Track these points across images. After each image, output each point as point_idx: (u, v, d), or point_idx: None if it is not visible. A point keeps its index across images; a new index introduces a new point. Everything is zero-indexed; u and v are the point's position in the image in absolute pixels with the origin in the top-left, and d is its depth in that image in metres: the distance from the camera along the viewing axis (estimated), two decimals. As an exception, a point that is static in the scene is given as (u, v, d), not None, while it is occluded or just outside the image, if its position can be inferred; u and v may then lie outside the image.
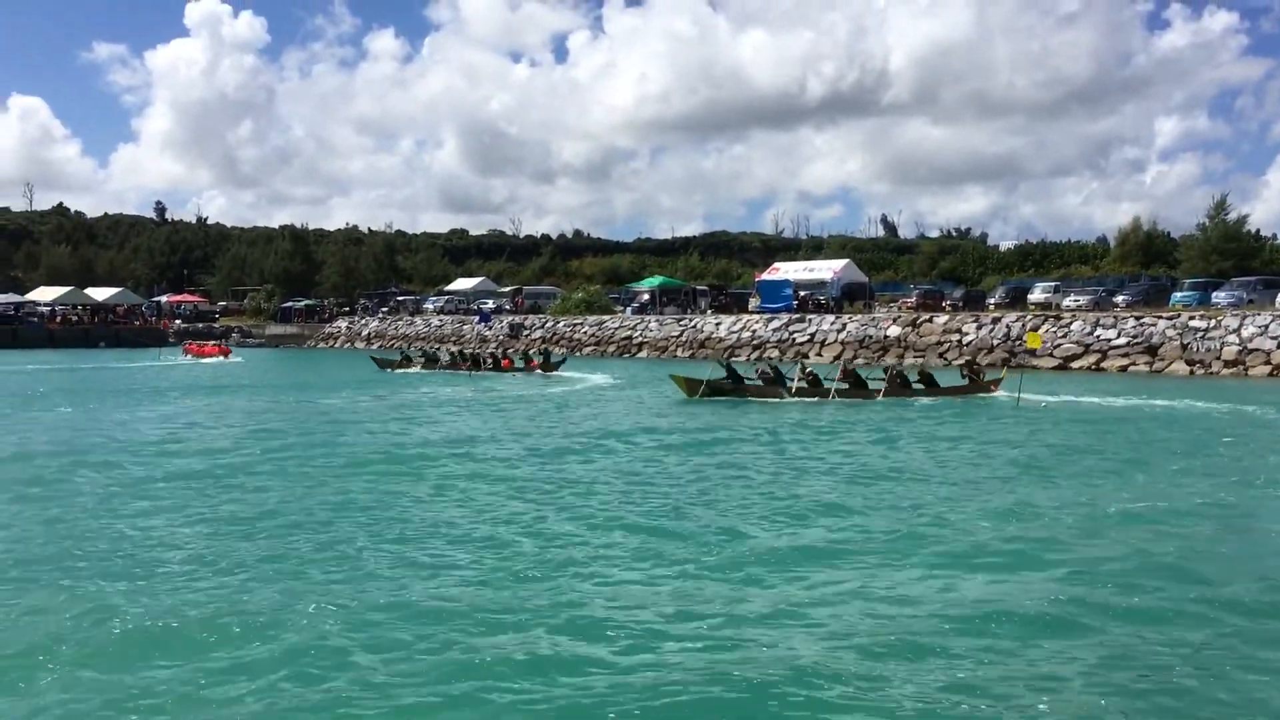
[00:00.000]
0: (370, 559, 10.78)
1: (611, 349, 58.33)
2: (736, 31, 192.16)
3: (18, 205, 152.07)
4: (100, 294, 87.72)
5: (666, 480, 15.58)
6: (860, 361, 46.77)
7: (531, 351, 49.86)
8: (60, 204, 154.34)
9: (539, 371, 42.95)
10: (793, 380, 29.49)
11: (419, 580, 9.97)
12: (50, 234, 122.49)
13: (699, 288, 73.51)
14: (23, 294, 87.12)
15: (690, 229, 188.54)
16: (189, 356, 59.14)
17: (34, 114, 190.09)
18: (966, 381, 29.99)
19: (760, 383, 29.42)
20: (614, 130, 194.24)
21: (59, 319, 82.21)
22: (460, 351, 50.04)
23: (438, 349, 54.39)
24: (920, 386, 29.57)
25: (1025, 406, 26.45)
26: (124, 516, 12.96)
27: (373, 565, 10.53)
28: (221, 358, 58.35)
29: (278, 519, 12.76)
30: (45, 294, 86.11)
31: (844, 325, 51.00)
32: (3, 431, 22.25)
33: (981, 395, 29.10)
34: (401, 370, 45.97)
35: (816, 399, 28.48)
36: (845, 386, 29.27)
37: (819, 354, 49.24)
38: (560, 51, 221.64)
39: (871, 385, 29.35)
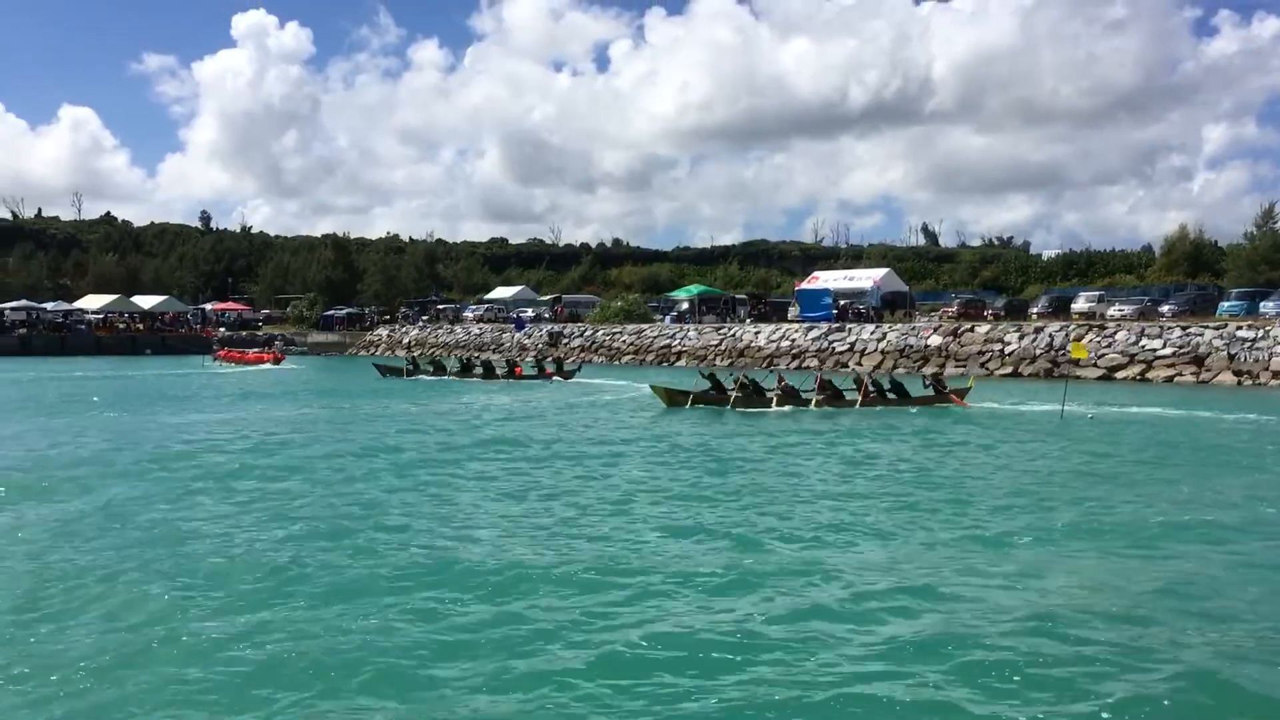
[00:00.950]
0: (447, 563, 10.91)
1: (650, 357, 58.36)
2: (779, 40, 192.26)
3: (67, 214, 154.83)
4: (146, 302, 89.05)
5: (711, 486, 15.62)
6: (901, 371, 46.57)
7: (546, 361, 50.01)
8: (108, 213, 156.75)
9: (557, 379, 43.29)
10: (771, 391, 29.55)
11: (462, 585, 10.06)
12: (98, 243, 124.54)
13: (738, 296, 73.32)
14: (71, 302, 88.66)
15: (730, 238, 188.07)
16: (221, 364, 60.05)
17: (84, 124, 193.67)
18: (932, 392, 30.31)
19: (739, 393, 29.46)
20: (655, 139, 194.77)
21: (106, 326, 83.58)
22: (470, 359, 50.15)
23: (444, 356, 54.26)
24: (893, 396, 29.89)
25: (1070, 418, 26.16)
26: (222, 520, 13.18)
27: (447, 570, 10.65)
28: (272, 364, 59.52)
29: (373, 517, 12.94)
30: (93, 302, 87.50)
31: (884, 334, 50.70)
32: (70, 438, 22.64)
33: (944, 405, 29.31)
34: (410, 378, 45.85)
35: (792, 407, 28.61)
36: (822, 396, 29.37)
37: (859, 363, 49.02)
38: (602, 61, 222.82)
39: (847, 395, 29.69)
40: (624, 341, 61.57)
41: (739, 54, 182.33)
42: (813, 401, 29.01)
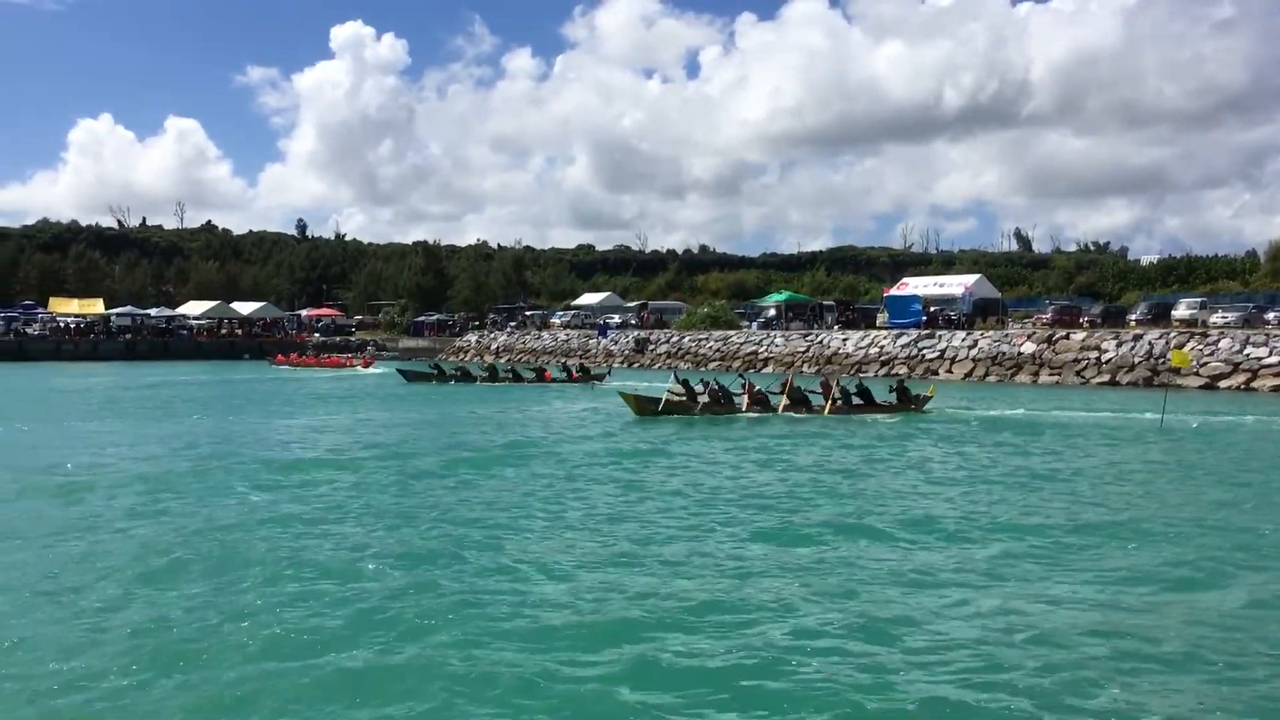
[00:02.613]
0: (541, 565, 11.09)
1: (737, 364, 58.18)
2: (871, 44, 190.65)
3: (170, 223, 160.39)
4: (245, 308, 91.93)
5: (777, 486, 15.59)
6: (993, 379, 45.79)
7: (571, 364, 50.40)
8: (209, 221, 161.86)
9: (595, 384, 43.80)
10: (739, 396, 29.01)
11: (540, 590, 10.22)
12: (199, 250, 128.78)
13: (825, 303, 72.76)
14: (174, 308, 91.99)
15: (818, 244, 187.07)
16: (282, 367, 62.68)
17: (189, 136, 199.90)
18: (895, 399, 29.96)
19: (709, 399, 28.76)
20: (744, 145, 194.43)
21: (207, 332, 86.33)
22: (494, 365, 51.42)
23: (466, 363, 55.22)
24: (859, 402, 29.41)
25: (1171, 428, 25.48)
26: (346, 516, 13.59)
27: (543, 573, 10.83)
28: (363, 368, 61.48)
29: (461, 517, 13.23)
30: (194, 308, 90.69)
31: (975, 342, 49.89)
32: (177, 442, 23.42)
33: (907, 412, 29.01)
34: (440, 384, 46.44)
35: (759, 413, 28.13)
36: (788, 402, 28.80)
37: (949, 370, 48.34)
38: (692, 67, 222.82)
39: (814, 401, 29.14)
40: (710, 348, 61.53)
41: (830, 58, 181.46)
42: (779, 406, 28.46)
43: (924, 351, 50.85)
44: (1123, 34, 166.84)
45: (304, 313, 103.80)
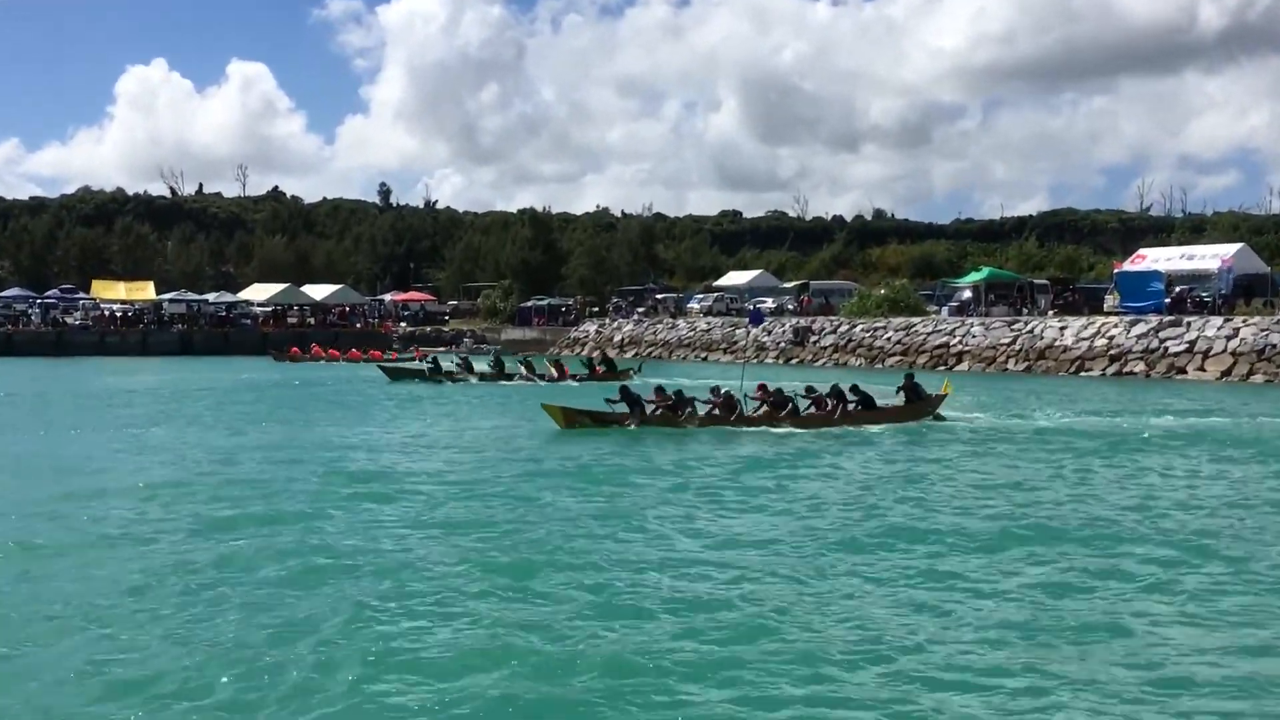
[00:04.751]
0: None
1: (923, 359, 57.72)
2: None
3: (230, 190, 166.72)
4: (318, 292, 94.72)
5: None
6: (1259, 379, 44.42)
7: (594, 357, 50.15)
8: (276, 188, 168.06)
9: (637, 378, 43.06)
10: (706, 403, 28.38)
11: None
12: (265, 223, 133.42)
13: (1037, 281, 71.50)
14: (235, 293, 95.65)
15: (1028, 207, 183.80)
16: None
17: (256, 83, 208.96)
18: (904, 402, 29.71)
19: (661, 408, 28.17)
20: (937, 82, 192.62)
21: (275, 321, 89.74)
22: (501, 359, 51.49)
23: (468, 357, 54.41)
24: (857, 408, 28.85)
25: None
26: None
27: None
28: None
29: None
30: (259, 292, 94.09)
31: (1236, 330, 48.49)
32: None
33: (918, 419, 28.77)
34: (435, 382, 46.97)
35: (733, 426, 27.49)
36: (767, 410, 28.08)
37: (1201, 368, 47.12)
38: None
39: (802, 408, 28.55)
40: (888, 339, 61.17)
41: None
42: (754, 418, 27.86)
43: (1167, 344, 49.66)
44: None
45: (388, 297, 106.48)
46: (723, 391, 28.78)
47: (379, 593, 11.90)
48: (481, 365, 49.73)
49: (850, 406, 28.78)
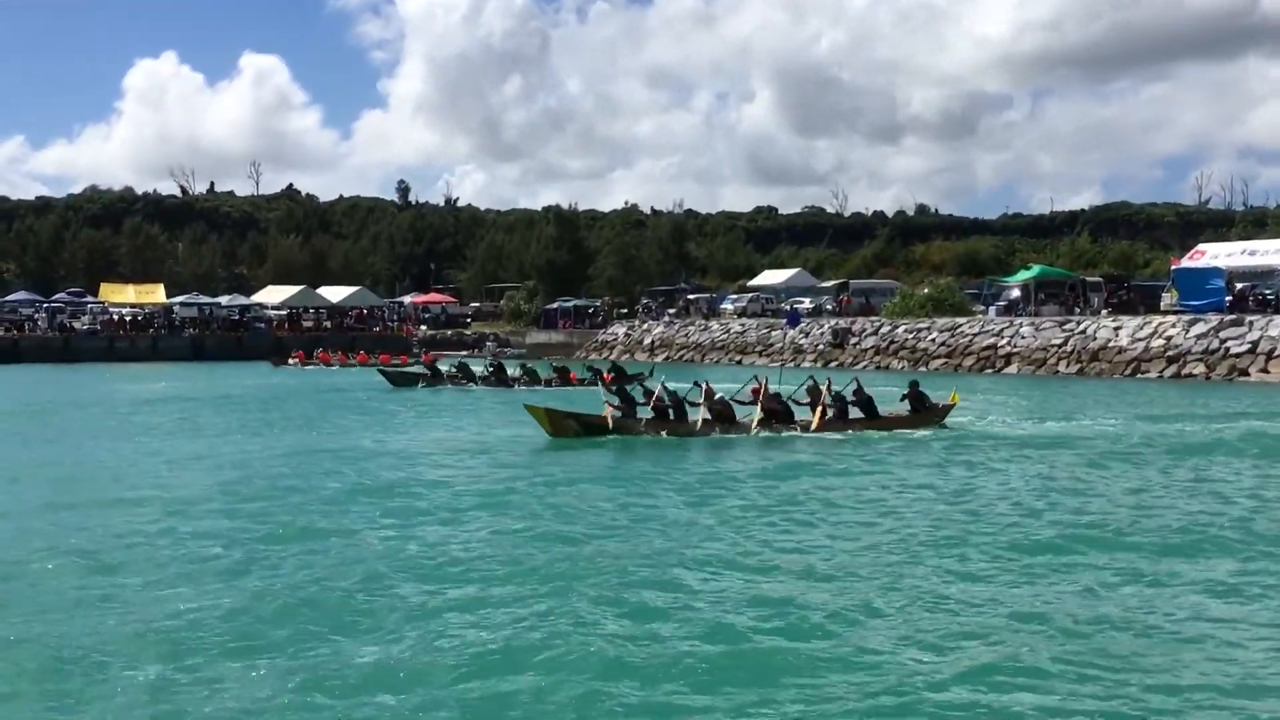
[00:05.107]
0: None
1: (969, 361, 57.09)
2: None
3: (243, 188, 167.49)
4: (335, 294, 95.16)
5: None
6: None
7: (599, 362, 49.89)
8: (290, 186, 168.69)
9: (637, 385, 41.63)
10: (699, 404, 27.50)
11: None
12: (278, 222, 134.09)
13: (1090, 279, 70.80)
14: (249, 295, 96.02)
15: (1079, 200, 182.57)
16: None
17: (269, 76, 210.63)
18: (909, 410, 29.03)
19: (654, 413, 27.24)
20: (981, 71, 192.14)
21: (290, 325, 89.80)
22: (499, 364, 50.72)
23: (465, 363, 53.61)
24: (859, 415, 28.31)
25: None
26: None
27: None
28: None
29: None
30: (273, 294, 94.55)
31: (1303, 330, 47.74)
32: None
33: (924, 427, 28.10)
34: (432, 388, 46.80)
35: (722, 433, 26.76)
36: (762, 416, 27.19)
37: (1264, 369, 46.34)
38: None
39: (798, 415, 27.86)
40: (932, 341, 60.56)
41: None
42: (752, 425, 26.97)
43: (1228, 344, 48.91)
44: None
45: (407, 299, 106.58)
46: (717, 396, 27.71)
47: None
48: (481, 370, 49.20)
49: (851, 411, 28.25)
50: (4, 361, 71.77)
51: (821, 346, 65.22)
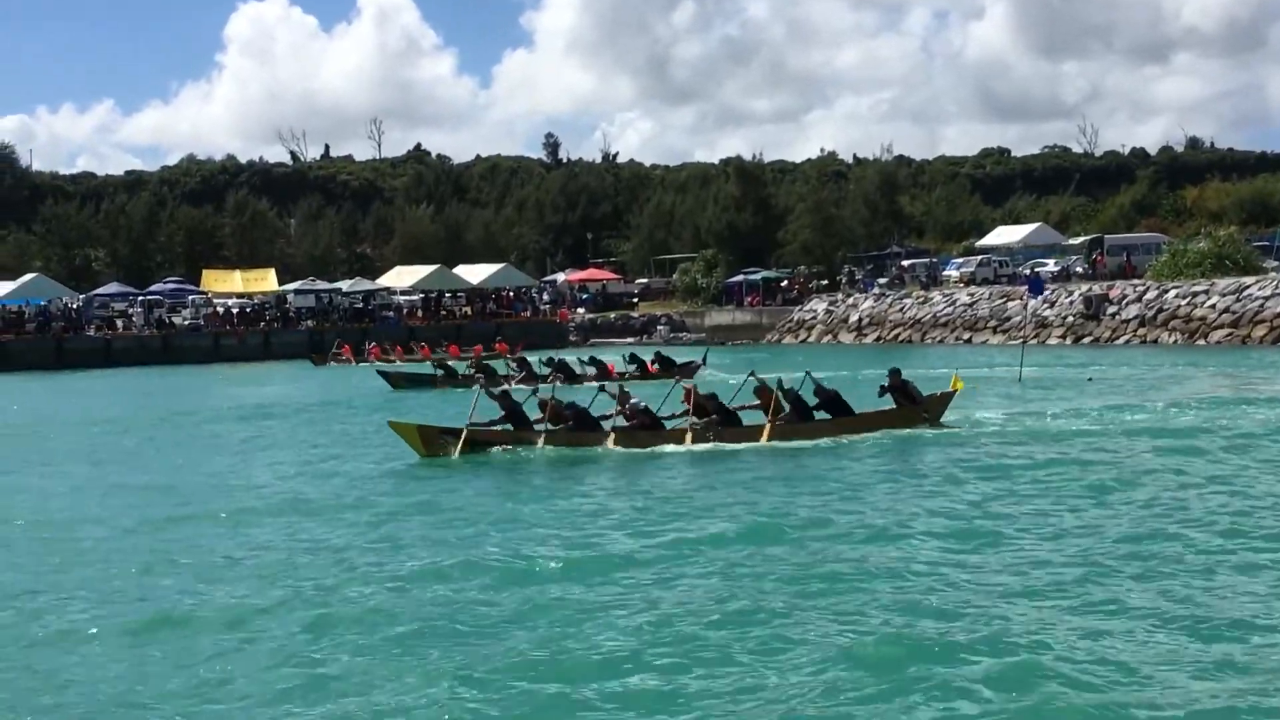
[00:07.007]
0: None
1: (1260, 332, 55.80)
2: None
3: (363, 151, 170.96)
4: (474, 274, 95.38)
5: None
6: None
7: (644, 354, 49.48)
8: (418, 146, 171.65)
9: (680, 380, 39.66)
10: (610, 416, 26.67)
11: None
12: (406, 190, 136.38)
13: None
14: (374, 279, 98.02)
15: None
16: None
17: (395, 16, 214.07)
18: (890, 404, 28.08)
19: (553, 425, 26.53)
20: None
21: (421, 312, 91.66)
22: (523, 356, 52.15)
23: (486, 361, 52.95)
24: (825, 415, 27.24)
25: None
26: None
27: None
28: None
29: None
30: (402, 276, 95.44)
31: None
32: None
33: (905, 426, 27.25)
34: (443, 388, 46.69)
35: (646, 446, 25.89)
36: (700, 424, 26.33)
37: None
38: None
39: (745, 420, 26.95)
40: (1211, 308, 59.33)
41: None
42: (686, 435, 26.14)
43: None
44: None
45: (560, 277, 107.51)
46: (632, 401, 27.13)
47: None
48: (505, 369, 48.41)
49: (814, 413, 27.55)
50: (96, 366, 73.95)
51: (1071, 319, 64.29)
